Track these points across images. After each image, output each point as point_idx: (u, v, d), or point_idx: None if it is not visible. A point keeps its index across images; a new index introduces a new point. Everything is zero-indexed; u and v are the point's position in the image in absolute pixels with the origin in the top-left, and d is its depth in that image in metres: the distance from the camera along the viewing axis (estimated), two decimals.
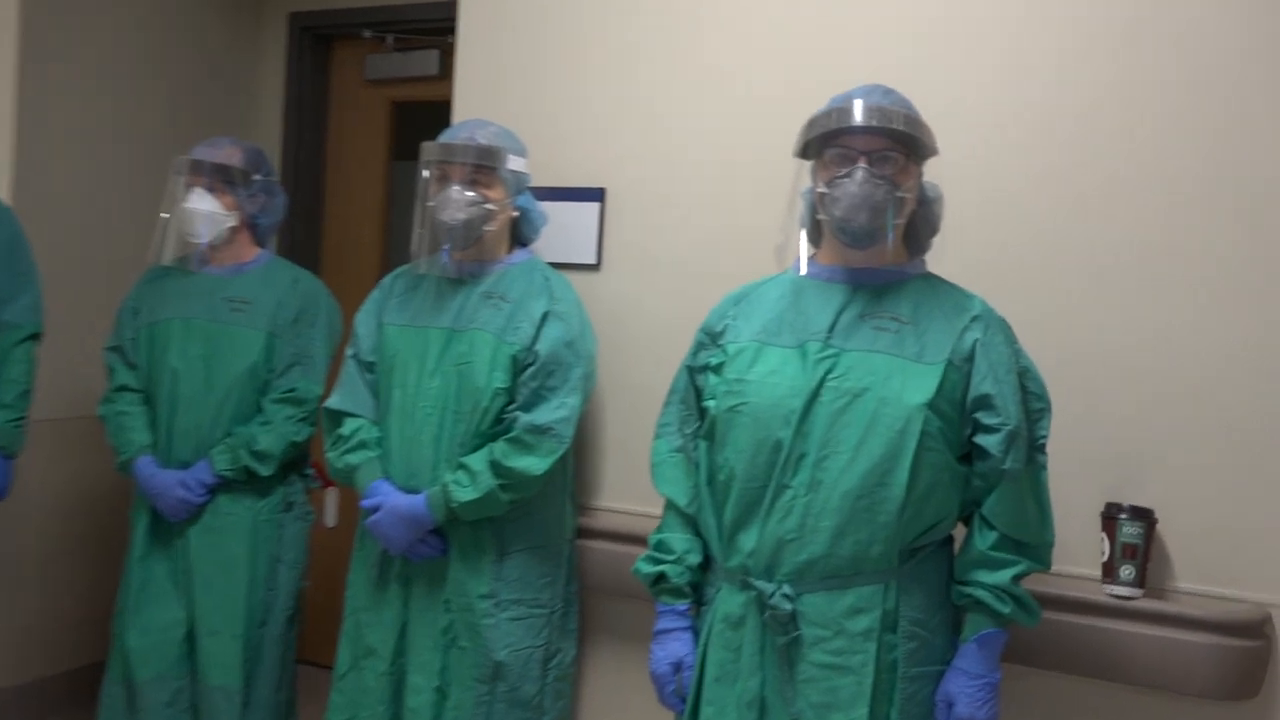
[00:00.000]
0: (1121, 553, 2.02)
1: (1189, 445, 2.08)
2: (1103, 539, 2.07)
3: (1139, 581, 2.03)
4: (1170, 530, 2.09)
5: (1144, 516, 2.03)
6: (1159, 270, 2.10)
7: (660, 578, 1.93)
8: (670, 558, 1.92)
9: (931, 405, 1.76)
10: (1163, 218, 2.10)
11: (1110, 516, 2.05)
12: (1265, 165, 2.02)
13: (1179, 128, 2.08)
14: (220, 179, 2.62)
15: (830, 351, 1.81)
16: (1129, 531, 2.02)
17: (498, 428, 2.25)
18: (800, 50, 2.40)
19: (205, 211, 2.61)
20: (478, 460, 2.21)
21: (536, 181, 2.50)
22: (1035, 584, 1.91)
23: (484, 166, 2.28)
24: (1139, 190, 2.12)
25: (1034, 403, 1.86)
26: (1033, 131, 2.19)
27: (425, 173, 2.30)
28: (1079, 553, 2.11)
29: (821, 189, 1.83)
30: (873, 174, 1.78)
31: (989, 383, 1.79)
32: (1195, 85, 2.06)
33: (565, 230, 2.59)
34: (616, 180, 2.58)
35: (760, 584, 1.77)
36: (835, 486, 1.75)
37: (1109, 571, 2.05)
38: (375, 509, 2.26)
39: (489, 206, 2.29)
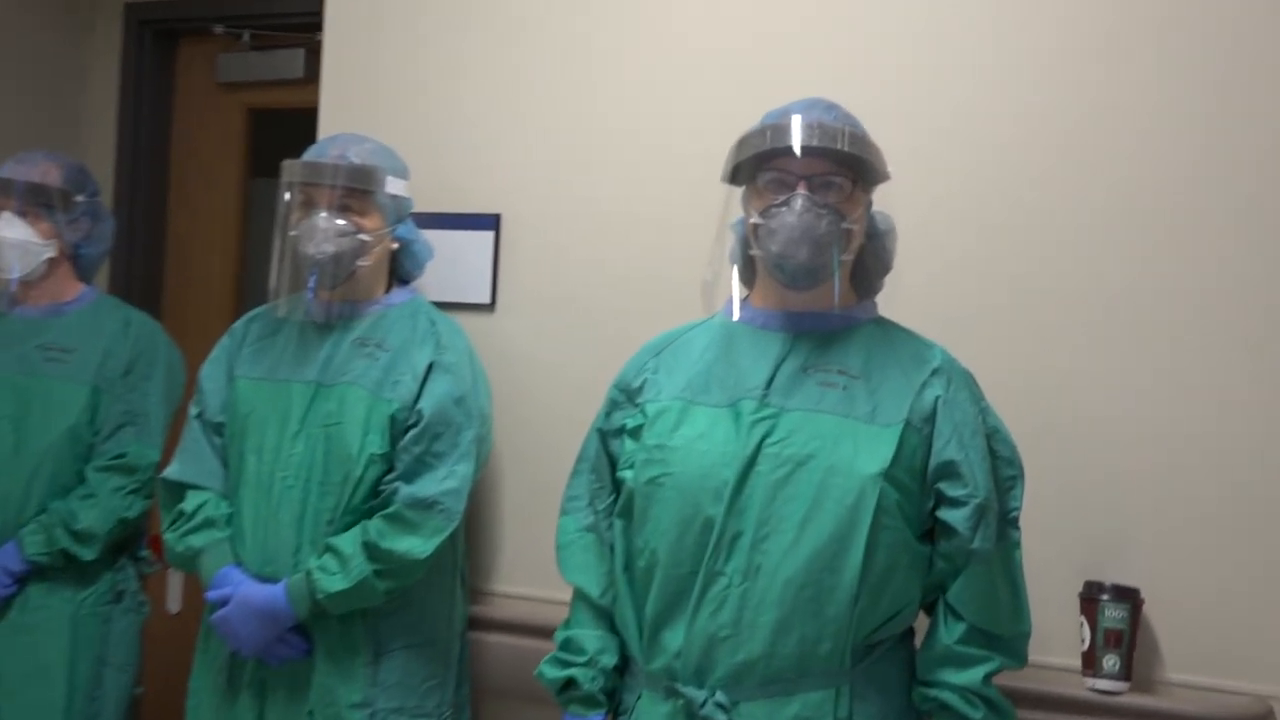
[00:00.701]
0: (1104, 640, 2.02)
1: (1178, 515, 2.09)
2: (1082, 624, 2.06)
3: (1125, 673, 2.02)
4: (1158, 613, 2.08)
5: (1128, 597, 2.03)
6: (1141, 320, 2.13)
7: (569, 684, 1.88)
8: (580, 659, 1.88)
9: (888, 475, 1.73)
10: (1146, 260, 2.13)
11: (1090, 598, 2.05)
12: (1267, 199, 2.07)
13: (1167, 158, 2.13)
14: (34, 201, 2.58)
15: (768, 412, 1.78)
16: (1112, 615, 2.02)
17: (373, 502, 2.21)
18: (732, 56, 2.42)
19: (15, 240, 2.56)
20: (349, 541, 2.16)
21: (420, 207, 2.47)
22: (1007, 679, 1.87)
23: (357, 190, 2.25)
24: (1121, 230, 2.15)
25: (1005, 469, 1.85)
26: (1003, 159, 2.22)
27: (287, 196, 2.28)
28: (1056, 640, 2.10)
29: (755, 220, 1.81)
30: (814, 202, 1.76)
31: (953, 447, 1.77)
32: (1181, 118, 2.12)
33: (454, 265, 2.57)
34: (514, 205, 2.57)
35: (689, 691, 1.74)
36: (776, 573, 1.72)
37: (1090, 662, 2.04)
38: (223, 602, 2.20)
39: (363, 237, 2.27)
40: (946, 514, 1.77)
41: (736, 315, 1.89)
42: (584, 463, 1.99)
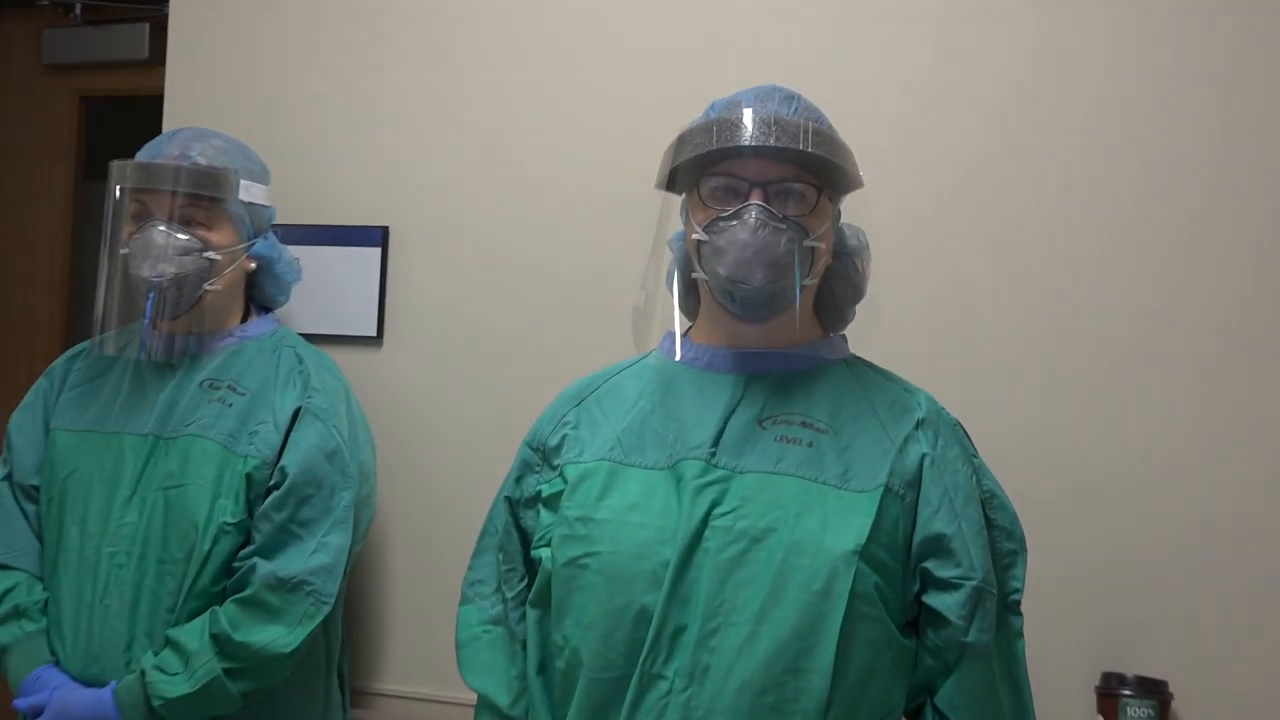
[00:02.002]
0: None
1: (1212, 594, 2.11)
2: None
3: None
4: (1192, 709, 2.09)
5: (1155, 692, 2.03)
6: (1173, 364, 2.18)
7: None
8: None
9: (864, 552, 1.68)
10: (1162, 292, 2.19)
11: (1109, 693, 2.04)
12: None
13: (1186, 172, 2.20)
14: None
15: (716, 475, 1.74)
16: (1136, 714, 2.02)
17: (225, 583, 2.18)
18: (665, 39, 2.47)
19: None
20: (194, 634, 2.12)
21: (288, 218, 2.53)
22: None
23: (203, 197, 2.25)
24: (1149, 250, 2.20)
25: (1004, 542, 1.81)
26: (1006, 165, 2.27)
27: (116, 206, 2.26)
28: None
29: (698, 235, 1.78)
30: (771, 215, 1.73)
31: (943, 518, 1.73)
32: (1191, 126, 2.20)
33: (330, 289, 2.59)
34: (405, 217, 2.60)
35: None
36: (729, 676, 1.66)
37: None
38: (37, 712, 2.14)
39: (210, 255, 2.25)
40: (935, 599, 1.72)
41: (677, 354, 1.86)
42: (489, 538, 1.95)
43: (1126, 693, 2.02)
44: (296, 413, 2.22)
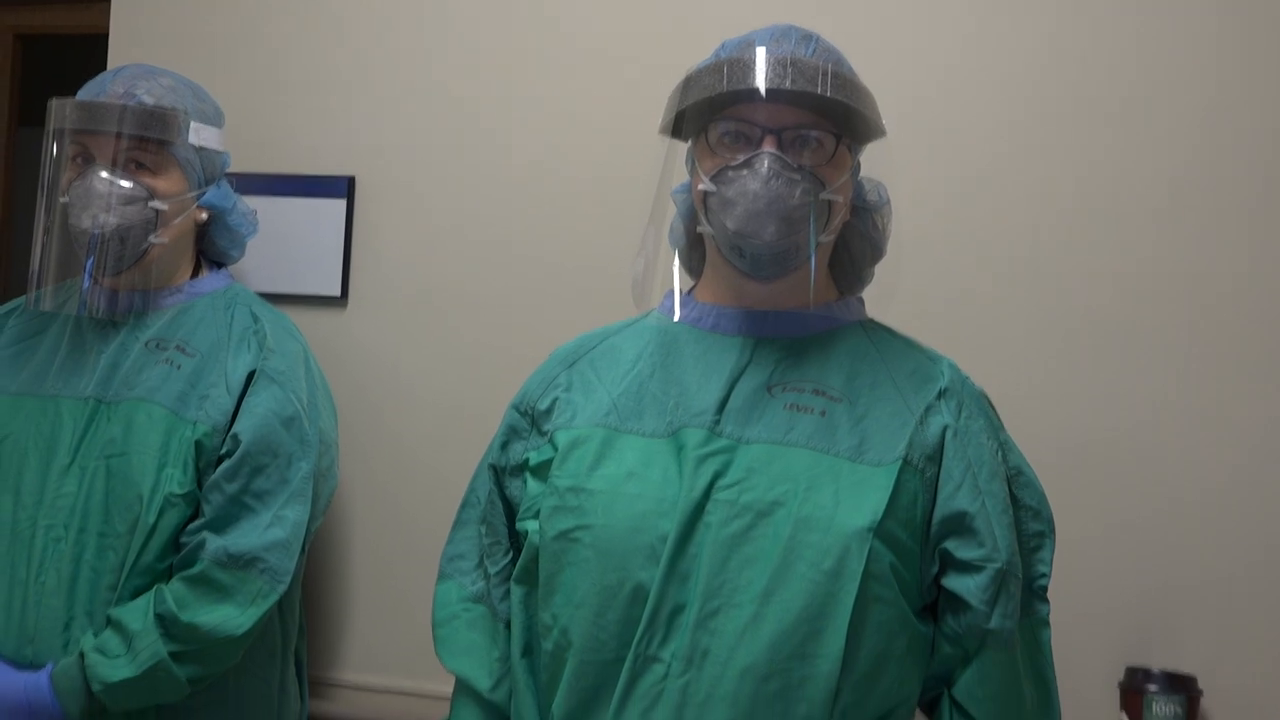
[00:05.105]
0: None
1: (1245, 586, 2.13)
2: None
3: None
4: (1221, 707, 2.11)
5: (1182, 688, 2.05)
6: (1221, 334, 2.20)
7: None
8: None
9: (880, 530, 1.69)
10: (1199, 259, 2.22)
11: (1134, 689, 2.07)
12: None
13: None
14: None
15: (721, 444, 1.75)
16: (1162, 711, 2.04)
17: (172, 559, 2.18)
18: None
19: None
20: (137, 613, 2.13)
21: (244, 166, 2.54)
22: None
23: (149, 140, 2.24)
24: (1169, 219, 2.24)
25: (1030, 523, 1.82)
26: (1033, 122, 2.28)
27: (55, 148, 2.26)
28: None
29: (705, 186, 1.77)
30: (785, 164, 1.73)
31: (966, 495, 1.74)
32: (1221, 88, 2.24)
33: (290, 244, 2.60)
34: (373, 167, 2.60)
35: None
36: (730, 660, 1.66)
37: None
38: None
39: (157, 204, 2.25)
40: (956, 582, 1.73)
41: (678, 314, 1.87)
42: (471, 509, 1.95)
43: (1152, 688, 2.03)
44: (251, 376, 2.23)
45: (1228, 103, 2.20)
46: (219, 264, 2.42)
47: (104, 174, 2.20)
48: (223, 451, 2.19)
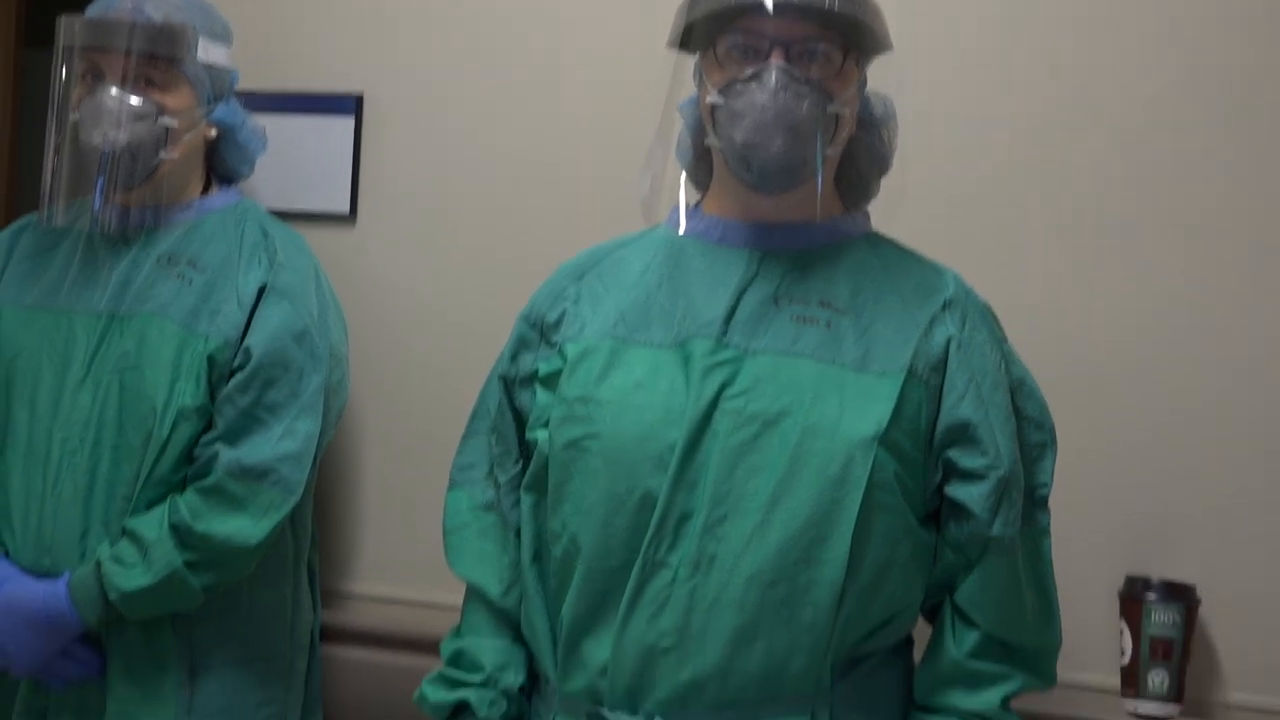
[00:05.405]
0: (1150, 651, 2.05)
1: (1245, 494, 2.12)
2: (1123, 632, 2.09)
3: (1175, 693, 2.05)
4: (1218, 618, 2.12)
5: (1181, 597, 2.06)
6: (1196, 248, 2.18)
7: (460, 709, 1.86)
8: (475, 678, 1.86)
9: (884, 439, 1.72)
10: (1197, 169, 2.19)
11: (1133, 598, 2.07)
12: None
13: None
14: None
15: (728, 354, 1.77)
16: (1160, 620, 2.05)
17: (185, 470, 2.20)
18: None
19: None
20: (152, 523, 2.14)
21: (252, 84, 2.47)
22: (1030, 700, 1.87)
23: (159, 57, 2.23)
24: (1169, 130, 2.21)
25: (1032, 434, 1.84)
26: (1045, 26, 2.26)
27: (64, 66, 2.24)
28: (1090, 652, 2.13)
29: (712, 99, 1.78)
30: (793, 77, 1.74)
31: (969, 404, 1.76)
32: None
33: (299, 161, 2.58)
34: (382, 85, 2.58)
35: (619, 718, 1.72)
36: (737, 566, 1.69)
37: (1132, 680, 2.07)
38: None
39: (167, 121, 2.24)
40: (959, 490, 1.76)
41: (683, 227, 1.88)
42: (481, 420, 1.97)
43: (1152, 597, 2.04)
44: (261, 290, 2.23)
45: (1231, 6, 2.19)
46: (228, 181, 2.40)
47: (114, 91, 2.19)
48: (234, 365, 2.19)
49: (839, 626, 1.70)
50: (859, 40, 1.78)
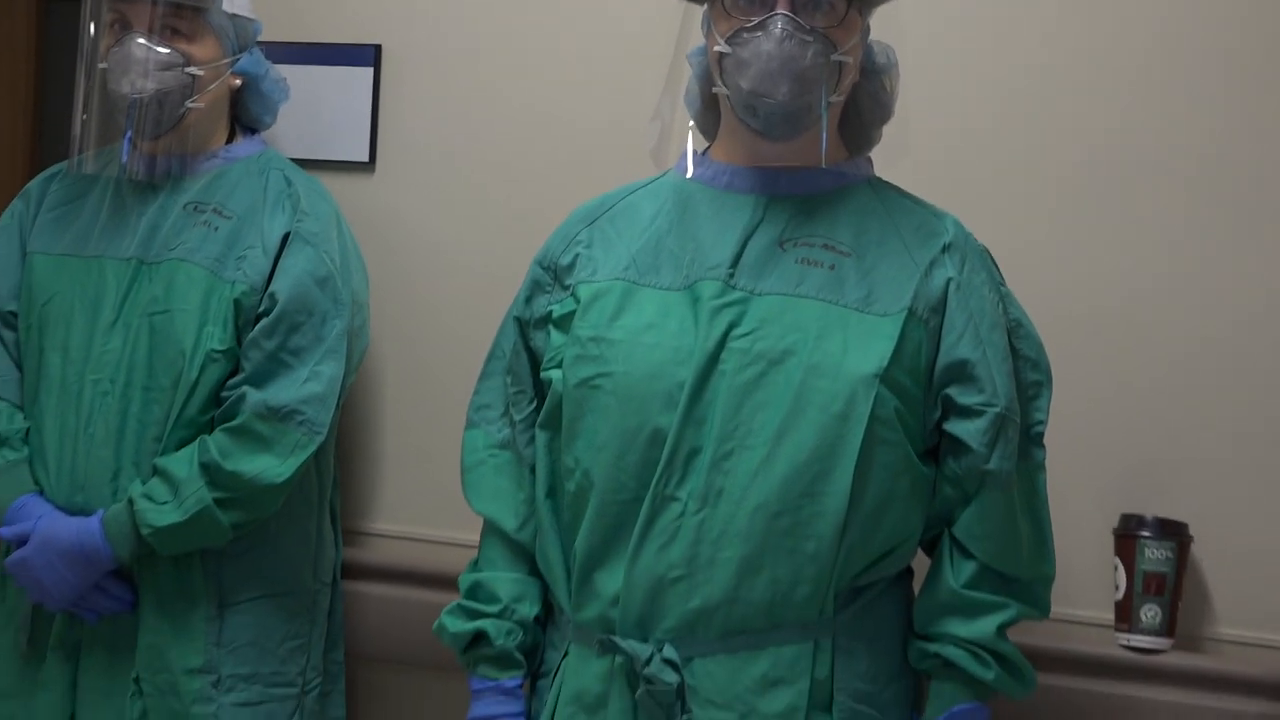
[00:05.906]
0: (1143, 586, 2.06)
1: (1238, 433, 2.13)
2: (1117, 567, 2.11)
3: (1167, 627, 2.06)
4: (1210, 554, 2.13)
5: (1174, 534, 2.07)
6: (1214, 194, 2.16)
7: (477, 639, 1.90)
8: (492, 609, 1.90)
9: (885, 376, 1.75)
10: (1196, 118, 2.17)
11: (1127, 535, 2.09)
12: None
13: None
14: None
15: (735, 296, 1.80)
16: (1153, 556, 2.06)
17: (214, 412, 2.23)
18: None
19: None
20: (182, 462, 2.17)
21: (274, 35, 2.45)
22: (1025, 634, 1.90)
23: (185, 7, 2.23)
24: (1171, 79, 2.19)
25: (1029, 373, 1.87)
26: None
27: (93, 18, 2.25)
28: (1084, 587, 2.14)
29: (720, 48, 1.80)
30: (798, 25, 1.75)
31: (968, 343, 1.79)
32: None
33: (319, 111, 2.56)
34: (400, 34, 2.56)
35: (631, 645, 1.75)
36: (743, 498, 1.74)
37: (1125, 614, 2.08)
38: (21, 540, 2.19)
39: (193, 70, 2.25)
40: (957, 426, 1.79)
41: (691, 171, 1.90)
42: (497, 361, 1.99)
43: (1145, 534, 2.05)
44: (286, 237, 2.24)
45: None
46: (252, 130, 2.39)
47: (141, 40, 2.19)
48: (260, 310, 2.21)
49: (841, 557, 1.74)
50: None
